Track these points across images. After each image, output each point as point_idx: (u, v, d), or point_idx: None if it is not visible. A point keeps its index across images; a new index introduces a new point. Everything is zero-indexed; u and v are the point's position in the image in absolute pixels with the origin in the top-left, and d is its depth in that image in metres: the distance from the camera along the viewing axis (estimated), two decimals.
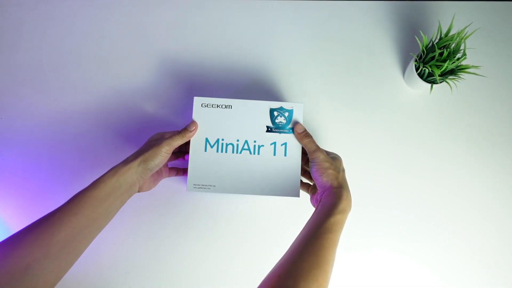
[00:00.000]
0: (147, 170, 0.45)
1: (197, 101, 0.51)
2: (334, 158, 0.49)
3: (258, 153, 0.51)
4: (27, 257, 0.33)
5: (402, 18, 0.67)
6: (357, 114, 0.64)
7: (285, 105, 0.52)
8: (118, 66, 0.64)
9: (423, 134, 0.63)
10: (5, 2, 0.65)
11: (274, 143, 0.51)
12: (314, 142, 0.49)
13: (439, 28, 0.56)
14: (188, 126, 0.50)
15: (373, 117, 0.64)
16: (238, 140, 0.51)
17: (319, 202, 0.45)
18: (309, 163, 0.48)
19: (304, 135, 0.50)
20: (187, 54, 0.65)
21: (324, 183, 0.46)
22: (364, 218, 0.61)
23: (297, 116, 0.51)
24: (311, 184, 0.55)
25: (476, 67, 0.56)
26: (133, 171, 0.43)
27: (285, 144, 0.51)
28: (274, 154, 0.51)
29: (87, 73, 0.64)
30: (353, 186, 0.61)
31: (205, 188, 0.49)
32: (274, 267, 0.38)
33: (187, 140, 0.49)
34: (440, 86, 0.59)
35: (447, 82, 0.57)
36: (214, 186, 0.50)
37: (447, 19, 0.65)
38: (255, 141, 0.51)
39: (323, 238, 0.39)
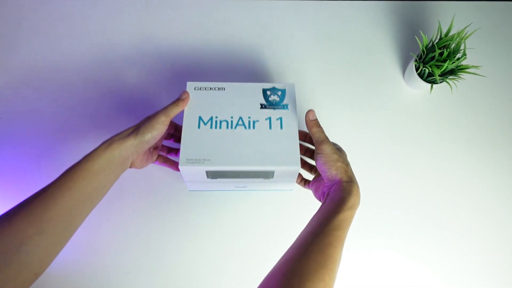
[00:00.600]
0: (143, 142, 0.43)
1: (190, 85, 0.51)
2: (340, 150, 0.47)
3: (254, 128, 0.49)
4: (20, 234, 0.33)
5: (402, 18, 0.67)
6: (357, 114, 0.64)
7: (277, 85, 0.52)
8: (118, 66, 0.64)
9: (423, 134, 0.63)
10: (5, 2, 0.65)
11: (269, 118, 0.49)
12: (323, 132, 0.47)
13: (439, 28, 0.56)
14: (180, 95, 0.48)
15: (373, 117, 0.64)
16: (232, 117, 0.49)
17: (327, 196, 0.43)
18: (315, 154, 0.46)
19: (315, 123, 0.47)
20: (187, 54, 0.65)
21: (333, 176, 0.44)
22: (364, 218, 0.60)
23: (290, 95, 0.51)
24: (312, 175, 0.55)
25: (476, 67, 0.56)
26: (128, 143, 0.41)
27: (281, 118, 0.49)
28: (270, 128, 0.49)
29: (87, 73, 0.64)
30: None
31: (199, 162, 0.46)
32: (277, 264, 0.36)
33: (182, 109, 0.47)
34: (440, 86, 0.59)
35: (447, 82, 0.57)
36: (208, 160, 0.46)
37: (447, 19, 0.65)
38: (249, 117, 0.49)
39: (331, 236, 0.38)
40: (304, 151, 0.55)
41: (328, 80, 0.65)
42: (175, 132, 0.54)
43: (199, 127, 0.48)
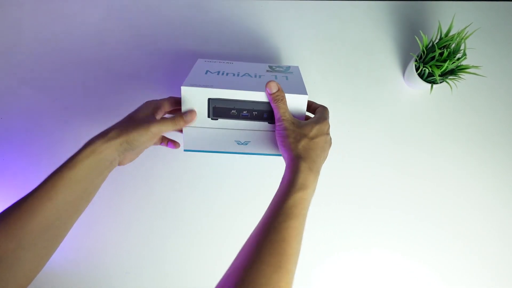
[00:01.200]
0: (129, 149, 0.40)
1: (200, 60, 0.53)
2: (306, 124, 0.42)
3: (259, 78, 0.49)
4: None
5: (402, 18, 0.67)
6: (357, 114, 0.64)
7: (282, 64, 0.54)
8: (119, 66, 0.64)
9: (423, 134, 0.63)
10: (5, 2, 0.65)
11: (275, 75, 0.50)
12: (284, 107, 0.43)
13: (439, 28, 0.56)
14: (185, 114, 0.43)
15: (373, 117, 0.64)
16: (239, 73, 0.50)
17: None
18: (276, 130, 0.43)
19: (275, 97, 0.43)
20: (188, 55, 0.64)
21: (283, 154, 0.41)
22: (364, 218, 0.60)
23: (296, 72, 0.52)
24: None
25: (476, 67, 0.56)
26: (113, 148, 0.38)
27: (286, 76, 0.50)
28: (276, 79, 0.49)
29: (87, 73, 0.64)
30: (353, 186, 0.61)
31: (203, 86, 0.44)
32: (229, 271, 0.33)
33: (178, 128, 0.43)
34: (440, 86, 0.59)
35: (447, 82, 0.57)
36: (211, 86, 0.44)
37: (447, 19, 0.65)
38: (256, 73, 0.50)
39: (283, 228, 0.33)
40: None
41: (328, 80, 0.65)
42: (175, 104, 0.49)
43: (206, 73, 0.48)
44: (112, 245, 0.58)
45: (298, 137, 0.40)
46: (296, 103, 0.45)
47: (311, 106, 0.49)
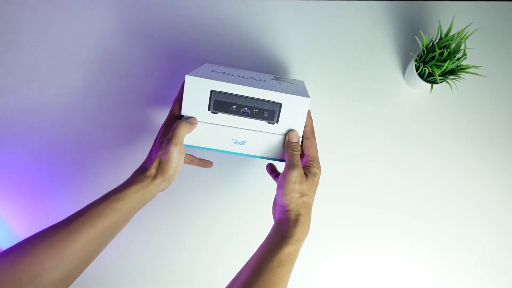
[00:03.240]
0: (169, 181, 0.43)
1: (207, 64, 0.54)
2: (308, 177, 0.43)
3: (264, 82, 0.49)
4: (38, 267, 0.32)
5: (402, 18, 0.67)
6: (357, 114, 0.64)
7: (288, 77, 0.55)
8: (119, 66, 0.64)
9: (423, 134, 0.63)
10: (5, 2, 0.65)
11: (280, 82, 0.50)
12: (297, 157, 0.44)
13: (439, 28, 0.56)
14: (188, 119, 0.45)
15: (373, 117, 0.64)
16: (244, 76, 0.50)
17: (275, 222, 0.42)
18: (280, 175, 0.44)
19: (294, 146, 0.45)
20: (187, 54, 0.64)
21: (283, 203, 0.42)
22: (364, 218, 0.61)
23: (301, 85, 0.52)
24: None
25: (476, 67, 0.56)
26: (158, 186, 0.41)
27: (290, 84, 0.51)
28: (280, 84, 0.49)
29: (87, 73, 0.64)
30: (353, 186, 0.61)
31: (203, 77, 0.44)
32: None
33: (192, 127, 0.44)
34: (440, 86, 0.59)
35: (447, 82, 0.57)
36: (216, 79, 0.44)
37: (447, 19, 0.65)
38: (261, 79, 0.50)
39: (275, 273, 0.36)
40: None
41: (328, 80, 0.65)
42: None
43: (212, 72, 0.48)
44: (112, 245, 0.58)
45: (301, 193, 0.42)
46: (297, 105, 0.45)
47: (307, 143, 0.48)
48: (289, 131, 0.46)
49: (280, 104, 0.45)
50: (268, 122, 0.46)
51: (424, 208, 0.61)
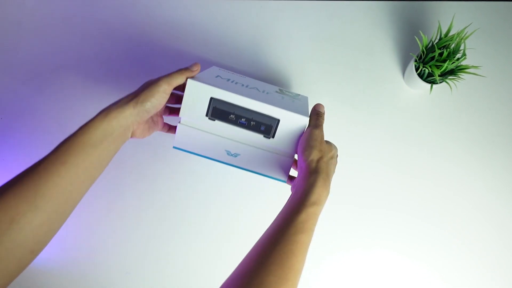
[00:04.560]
0: (143, 112, 0.40)
1: (215, 67, 0.54)
2: (328, 143, 0.44)
3: (267, 94, 0.48)
4: (11, 211, 0.31)
5: (402, 18, 0.67)
6: (357, 114, 0.64)
7: (292, 91, 0.55)
8: (119, 66, 0.64)
9: (423, 134, 0.63)
10: (5, 2, 0.65)
11: (283, 96, 0.50)
12: (322, 121, 0.45)
13: (439, 28, 0.56)
14: (191, 65, 0.44)
15: (373, 117, 0.64)
16: (248, 85, 0.50)
17: (293, 187, 0.40)
18: (303, 135, 0.43)
19: (321, 113, 0.46)
20: (187, 54, 0.65)
21: (302, 161, 0.40)
22: (364, 218, 0.61)
23: (304, 101, 0.52)
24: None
25: (476, 67, 0.56)
26: (127, 113, 0.38)
27: (293, 99, 0.50)
28: (282, 99, 0.49)
29: (87, 73, 0.64)
30: (353, 186, 0.61)
31: (204, 83, 0.44)
32: (233, 276, 0.33)
33: (186, 77, 0.44)
34: (440, 86, 0.59)
35: (447, 82, 0.57)
36: (217, 87, 0.44)
37: (447, 19, 0.65)
38: (264, 90, 0.50)
39: (293, 242, 0.33)
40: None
41: (328, 80, 0.65)
42: (176, 102, 0.50)
43: (216, 77, 0.48)
44: (113, 245, 0.58)
45: (321, 152, 0.41)
46: (295, 123, 0.44)
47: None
48: (317, 104, 0.47)
49: (278, 120, 0.44)
50: (264, 136, 0.46)
51: (424, 208, 0.61)
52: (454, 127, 0.64)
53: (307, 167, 0.39)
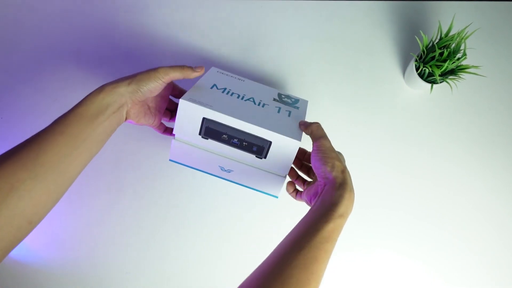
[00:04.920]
0: (138, 91, 0.41)
1: (214, 69, 0.53)
2: (339, 153, 0.45)
3: (262, 107, 0.49)
4: (10, 178, 0.31)
5: (402, 18, 0.67)
6: (357, 114, 0.64)
7: (292, 95, 0.55)
8: (119, 66, 0.64)
9: (423, 134, 0.63)
10: (5, 2, 0.65)
11: (279, 107, 0.50)
12: (323, 130, 0.45)
13: (439, 28, 0.56)
14: (195, 67, 0.46)
15: (373, 117, 0.64)
16: (245, 95, 0.50)
17: (318, 197, 0.40)
18: (312, 151, 0.43)
19: (311, 122, 0.45)
20: (187, 54, 0.65)
21: (327, 173, 0.40)
22: (364, 218, 0.61)
23: (302, 108, 0.52)
24: (309, 179, 0.51)
25: (476, 67, 0.56)
26: (122, 89, 0.39)
27: (290, 111, 0.50)
28: (278, 112, 0.49)
29: (87, 73, 0.64)
30: (353, 186, 0.61)
31: (201, 104, 0.44)
32: (255, 275, 0.33)
33: (185, 76, 0.44)
34: (440, 86, 0.59)
35: (447, 82, 0.57)
36: (210, 106, 0.44)
37: (447, 19, 0.65)
38: (261, 101, 0.50)
39: (318, 249, 0.34)
40: (300, 165, 0.52)
41: (328, 80, 0.65)
42: (172, 91, 0.51)
43: (211, 88, 0.49)
44: (113, 245, 0.58)
45: (340, 161, 0.41)
46: (287, 146, 0.44)
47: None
48: (300, 122, 0.47)
49: (270, 142, 0.44)
50: (256, 156, 0.46)
51: (424, 208, 0.61)
52: (454, 127, 0.64)
53: (334, 179, 0.39)
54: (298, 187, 0.50)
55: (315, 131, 0.44)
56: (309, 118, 0.62)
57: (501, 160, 0.63)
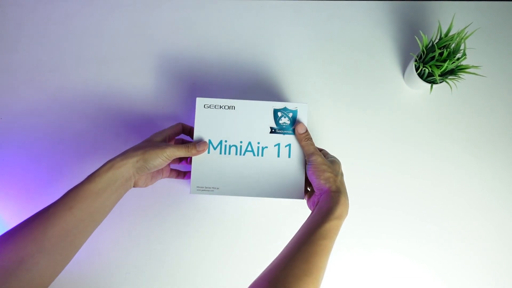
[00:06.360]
0: (144, 168, 0.44)
1: (200, 101, 0.50)
2: (332, 162, 0.48)
3: (262, 155, 0.50)
4: (21, 252, 0.33)
5: (402, 18, 0.67)
6: (357, 114, 0.64)
7: (289, 105, 0.50)
8: (118, 66, 0.64)
9: (423, 134, 0.63)
10: (5, 2, 0.65)
11: (278, 144, 0.50)
12: (313, 144, 0.49)
13: (439, 28, 0.56)
14: (198, 145, 0.48)
15: (373, 117, 0.64)
16: (241, 142, 0.50)
17: (316, 205, 0.45)
18: (306, 165, 0.48)
19: (304, 137, 0.49)
20: (187, 54, 0.65)
21: (321, 186, 0.45)
22: (364, 218, 0.61)
23: (301, 116, 0.51)
24: (309, 189, 0.53)
25: (476, 67, 0.56)
26: (130, 165, 0.42)
27: (289, 145, 0.50)
28: (278, 156, 0.50)
29: (87, 73, 0.64)
30: (353, 186, 0.61)
31: (208, 190, 0.49)
32: (263, 272, 0.37)
33: (191, 156, 0.49)
34: (440, 86, 0.59)
35: (447, 82, 0.57)
36: (217, 188, 0.49)
37: (447, 19, 0.65)
38: (258, 143, 0.50)
39: (317, 245, 0.38)
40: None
41: (328, 80, 0.65)
42: (183, 131, 0.54)
43: (208, 151, 0.50)
44: (113, 245, 0.58)
45: (334, 172, 0.46)
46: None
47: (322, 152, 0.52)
48: (296, 124, 0.50)
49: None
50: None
51: (424, 208, 0.61)
52: (454, 127, 0.64)
53: (329, 189, 0.44)
54: None
55: (306, 148, 0.49)
56: (309, 119, 0.62)
57: (501, 160, 0.63)
